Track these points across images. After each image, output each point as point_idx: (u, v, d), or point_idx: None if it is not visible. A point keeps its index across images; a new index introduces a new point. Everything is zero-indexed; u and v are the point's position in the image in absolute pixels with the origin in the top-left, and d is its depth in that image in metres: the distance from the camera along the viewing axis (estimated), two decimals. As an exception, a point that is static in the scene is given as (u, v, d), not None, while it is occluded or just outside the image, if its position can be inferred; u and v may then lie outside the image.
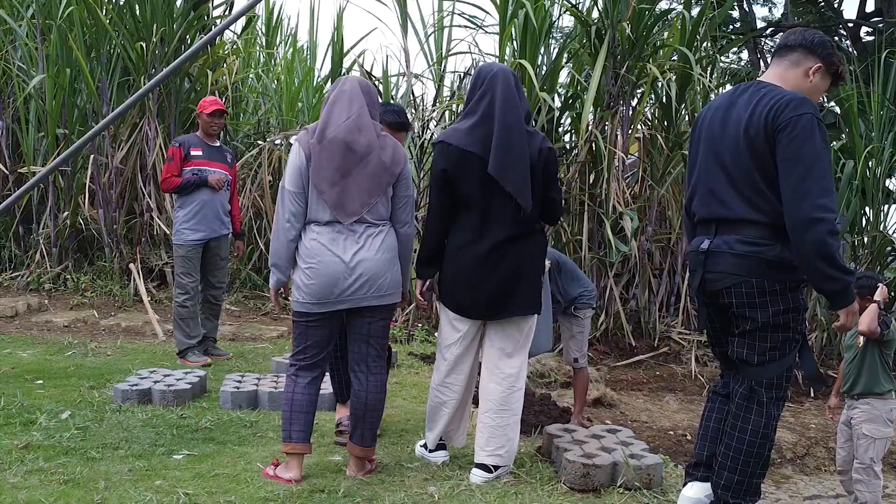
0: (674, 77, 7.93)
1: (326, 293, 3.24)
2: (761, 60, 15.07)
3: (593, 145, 8.24)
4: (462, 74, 8.99)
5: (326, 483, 3.31)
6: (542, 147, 3.36)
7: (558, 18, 8.33)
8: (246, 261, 8.94)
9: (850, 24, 14.05)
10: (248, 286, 8.94)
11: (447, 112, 8.58)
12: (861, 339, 5.06)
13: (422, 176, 8.05)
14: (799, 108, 2.65)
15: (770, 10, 17.01)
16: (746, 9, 15.93)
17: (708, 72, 8.73)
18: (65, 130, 8.61)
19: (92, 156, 8.55)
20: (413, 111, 8.58)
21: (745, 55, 16.22)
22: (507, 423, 3.42)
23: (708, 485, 3.01)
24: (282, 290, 3.44)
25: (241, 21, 9.50)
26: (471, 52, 10.02)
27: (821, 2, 14.03)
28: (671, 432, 6.92)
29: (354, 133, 3.25)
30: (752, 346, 2.83)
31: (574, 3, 8.41)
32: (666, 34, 8.75)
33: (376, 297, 3.30)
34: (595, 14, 8.34)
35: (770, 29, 15.77)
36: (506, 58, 8.16)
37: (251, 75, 9.97)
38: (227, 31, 9.57)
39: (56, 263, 8.68)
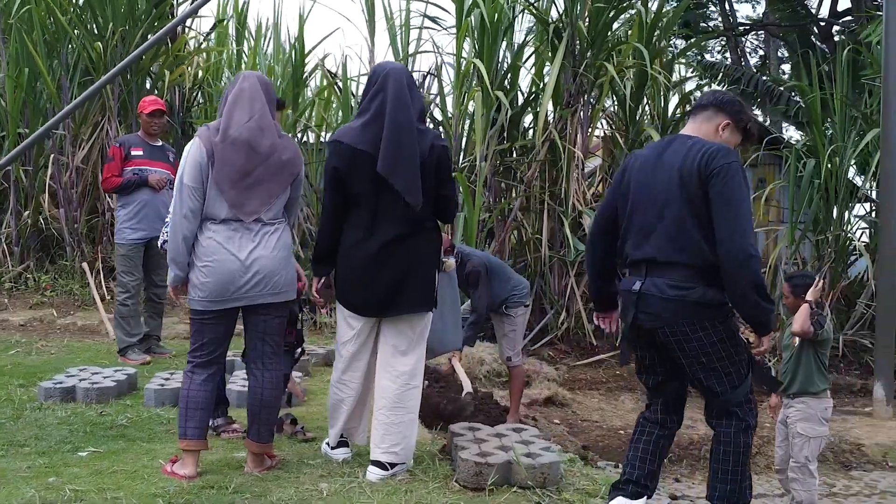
0: (632, 75, 7.92)
1: (222, 291, 3.26)
2: (742, 59, 15.05)
3: (553, 144, 8.25)
4: (425, 74, 9.02)
5: (220, 479, 3.31)
6: (434, 145, 3.36)
7: (516, 17, 8.27)
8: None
9: (823, 23, 14.03)
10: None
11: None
12: (796, 339, 5.05)
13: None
14: (728, 157, 2.94)
15: (753, 7, 16.98)
16: (728, 8, 15.91)
17: (677, 70, 8.74)
18: (26, 130, 8.64)
19: (52, 155, 8.58)
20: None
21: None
22: (401, 421, 3.42)
23: (638, 502, 3.16)
24: (182, 286, 3.44)
25: (210, 22, 9.49)
26: (434, 52, 10.00)
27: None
28: (621, 431, 6.91)
29: (257, 134, 3.28)
30: (710, 377, 3.05)
31: (532, 1, 8.41)
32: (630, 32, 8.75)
33: (272, 295, 3.32)
34: (555, 13, 8.34)
35: (745, 27, 15.76)
36: (463, 56, 8.17)
37: (225, 75, 9.98)
38: (192, 32, 9.58)
39: (17, 263, 8.70)
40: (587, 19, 7.92)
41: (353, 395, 3.53)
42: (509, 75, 8.39)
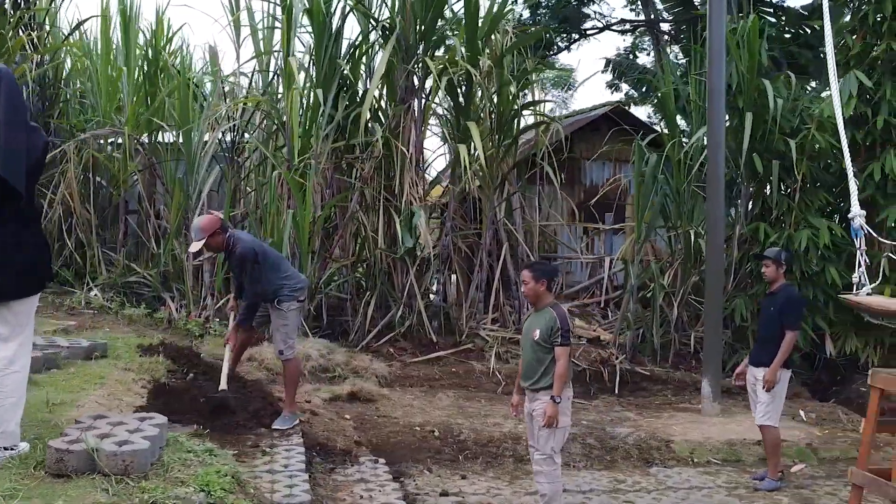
0: (458, 72, 7.93)
1: None
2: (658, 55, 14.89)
3: (389, 141, 8.28)
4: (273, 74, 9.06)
5: None
6: (44, 142, 3.52)
7: (346, 15, 8.30)
8: (56, 256, 9.00)
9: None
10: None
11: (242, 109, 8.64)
12: (537, 333, 5.05)
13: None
14: None
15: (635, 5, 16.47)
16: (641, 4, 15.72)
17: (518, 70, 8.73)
18: None
19: None
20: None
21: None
22: (1, 405, 3.46)
23: None
24: None
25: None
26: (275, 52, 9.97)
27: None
28: (417, 428, 6.91)
29: None
30: None
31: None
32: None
33: None
34: (386, 12, 8.37)
35: (635, 24, 15.65)
36: (295, 54, 8.21)
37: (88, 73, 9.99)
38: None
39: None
40: (415, 16, 7.93)
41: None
42: (347, 73, 8.43)
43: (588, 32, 14.82)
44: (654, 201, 8.49)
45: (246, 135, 8.99)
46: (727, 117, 8.63)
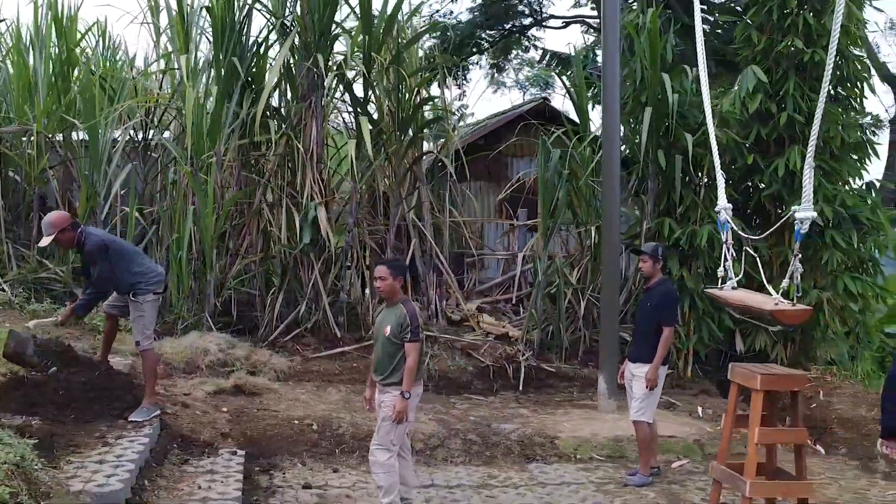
0: (354, 70, 7.95)
1: None
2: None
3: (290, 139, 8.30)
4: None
5: None
6: None
7: (246, 14, 8.30)
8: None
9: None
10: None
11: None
12: (388, 329, 5.09)
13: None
14: None
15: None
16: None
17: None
18: None
19: None
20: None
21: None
22: None
23: None
24: None
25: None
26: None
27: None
28: (296, 421, 6.91)
29: None
30: None
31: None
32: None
33: None
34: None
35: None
36: (197, 53, 8.25)
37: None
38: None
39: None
40: (312, 14, 7.94)
41: None
42: (254, 70, 8.46)
43: (515, 29, 14.74)
44: (559, 197, 8.45)
45: (158, 133, 9.03)
46: (633, 113, 8.64)
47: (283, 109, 8.69)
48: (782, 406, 8.31)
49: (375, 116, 8.64)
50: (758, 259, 5.58)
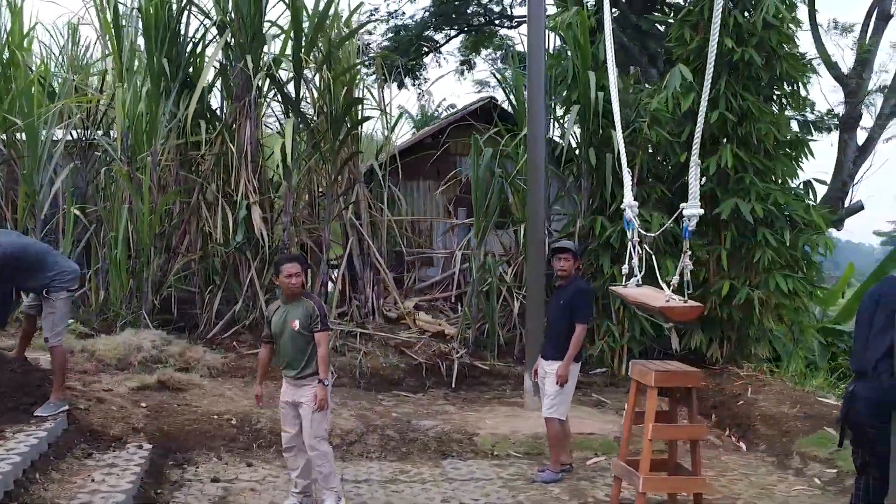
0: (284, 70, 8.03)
1: None
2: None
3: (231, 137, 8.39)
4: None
5: None
6: None
7: (180, 14, 8.39)
8: None
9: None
10: None
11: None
12: (296, 323, 5.20)
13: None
14: None
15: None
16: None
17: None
18: None
19: None
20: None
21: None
22: None
23: None
24: None
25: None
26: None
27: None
28: (216, 417, 6.98)
29: None
30: None
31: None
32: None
33: None
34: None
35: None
36: (138, 54, 8.34)
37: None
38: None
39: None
40: (243, 14, 8.02)
41: None
42: (190, 70, 8.55)
43: (469, 28, 14.78)
44: (492, 195, 8.50)
45: (99, 133, 9.12)
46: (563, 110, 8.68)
47: (220, 110, 8.78)
48: (713, 404, 8.47)
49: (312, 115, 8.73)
50: (653, 257, 5.59)
